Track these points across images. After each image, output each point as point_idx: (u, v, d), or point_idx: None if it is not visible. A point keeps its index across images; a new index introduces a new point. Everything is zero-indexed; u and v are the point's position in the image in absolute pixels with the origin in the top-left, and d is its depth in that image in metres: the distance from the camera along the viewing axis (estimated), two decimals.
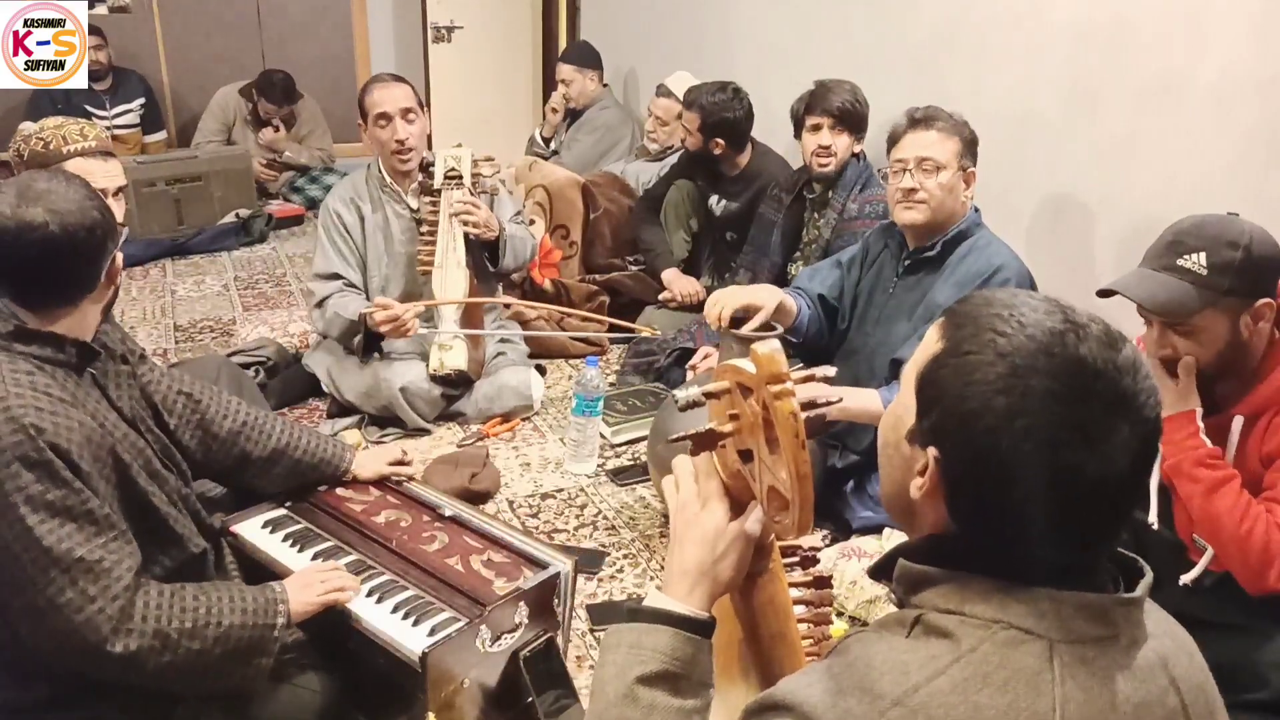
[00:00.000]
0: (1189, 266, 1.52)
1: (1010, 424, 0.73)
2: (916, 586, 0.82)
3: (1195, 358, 1.57)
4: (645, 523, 2.42)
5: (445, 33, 5.66)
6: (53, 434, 1.26)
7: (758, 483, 0.94)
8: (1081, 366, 0.74)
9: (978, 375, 0.76)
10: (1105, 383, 0.74)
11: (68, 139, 1.96)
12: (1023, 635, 0.75)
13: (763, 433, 0.91)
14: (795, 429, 0.86)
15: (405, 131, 2.77)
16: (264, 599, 1.43)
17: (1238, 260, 1.49)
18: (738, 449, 0.96)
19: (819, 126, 2.79)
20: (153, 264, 4.34)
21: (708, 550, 0.95)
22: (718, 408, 0.98)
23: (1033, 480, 0.73)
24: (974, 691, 0.73)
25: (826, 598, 1.21)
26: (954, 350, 0.78)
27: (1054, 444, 0.73)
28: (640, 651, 0.91)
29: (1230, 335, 1.54)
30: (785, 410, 0.86)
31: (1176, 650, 0.82)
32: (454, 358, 2.78)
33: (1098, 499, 0.75)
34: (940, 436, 0.78)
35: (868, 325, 2.37)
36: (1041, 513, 0.75)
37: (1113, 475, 0.74)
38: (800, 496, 0.88)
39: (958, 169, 2.16)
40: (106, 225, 1.36)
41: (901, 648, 0.77)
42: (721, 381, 0.97)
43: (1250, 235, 1.51)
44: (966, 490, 0.78)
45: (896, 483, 0.86)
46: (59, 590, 1.25)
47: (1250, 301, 1.52)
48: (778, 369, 0.88)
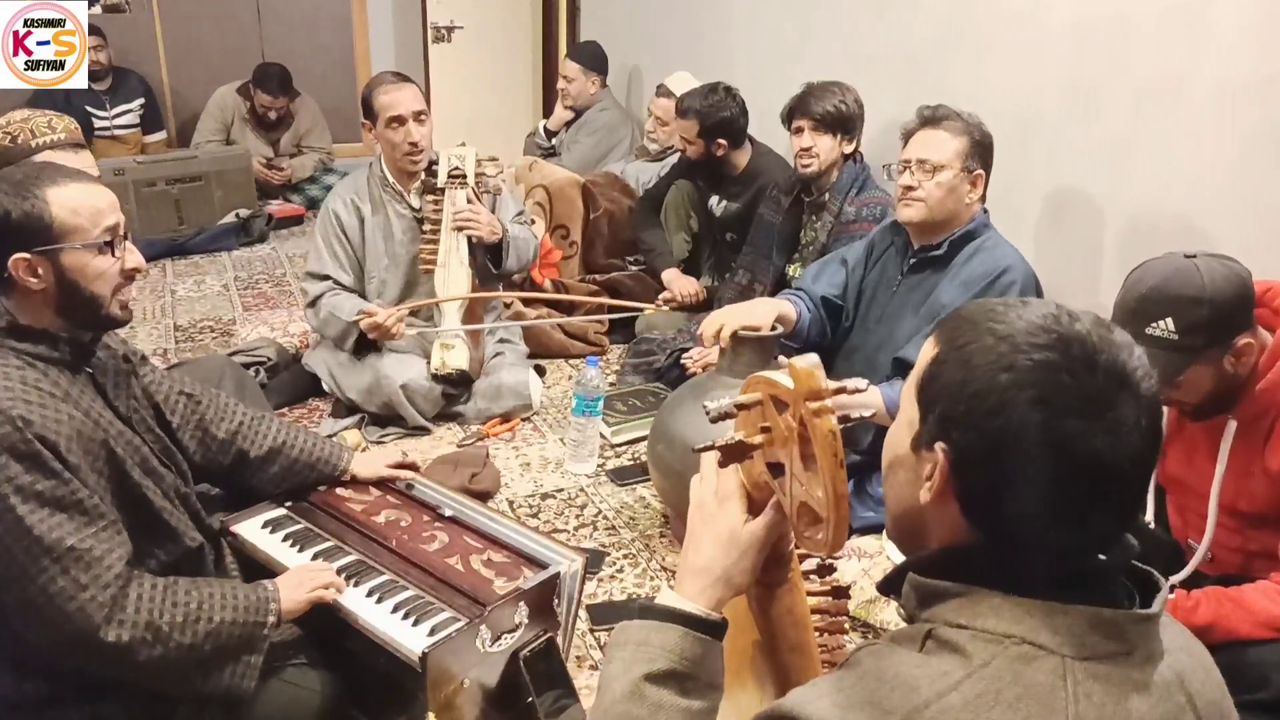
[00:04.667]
0: (1159, 334, 1.48)
1: (1016, 397, 0.73)
2: (927, 601, 0.80)
3: (1188, 403, 1.57)
4: (645, 523, 2.42)
5: (445, 33, 5.66)
6: (40, 426, 1.26)
7: (788, 497, 0.92)
8: (1081, 340, 0.75)
9: (978, 359, 0.76)
10: (1105, 356, 0.74)
11: (35, 132, 1.92)
12: (1035, 651, 0.74)
13: (797, 447, 0.89)
14: (834, 448, 0.84)
15: (419, 134, 2.77)
16: (256, 597, 1.43)
17: (1205, 317, 1.45)
18: (767, 461, 0.94)
19: (800, 129, 2.81)
20: (153, 264, 4.34)
21: (722, 551, 0.95)
22: (748, 418, 0.96)
23: (1044, 453, 0.73)
24: (986, 709, 0.71)
25: (843, 607, 1.19)
26: (951, 347, 0.79)
27: (1062, 412, 0.72)
28: (649, 649, 0.90)
29: (1217, 376, 1.52)
30: (824, 428, 0.85)
31: (1193, 666, 0.81)
32: (455, 357, 2.78)
33: (1108, 476, 0.74)
34: (947, 427, 0.78)
35: (870, 323, 2.37)
36: (1054, 493, 0.73)
37: (1121, 450, 0.73)
38: (837, 516, 0.87)
39: (960, 170, 2.15)
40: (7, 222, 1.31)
41: (913, 662, 0.76)
42: (754, 393, 0.95)
43: (1208, 284, 1.46)
44: (978, 478, 0.77)
45: (905, 499, 0.84)
46: (51, 579, 1.25)
47: (1229, 345, 1.49)
48: (816, 385, 0.86)
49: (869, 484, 2.31)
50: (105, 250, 1.37)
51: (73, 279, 1.36)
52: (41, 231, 1.32)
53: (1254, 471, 1.56)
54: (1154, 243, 1.95)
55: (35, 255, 1.32)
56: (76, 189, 1.36)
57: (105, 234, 1.37)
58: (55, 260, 1.34)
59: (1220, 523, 1.62)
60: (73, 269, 1.35)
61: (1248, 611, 1.49)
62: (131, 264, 1.42)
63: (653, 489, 2.48)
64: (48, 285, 1.34)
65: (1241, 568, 1.64)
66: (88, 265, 1.36)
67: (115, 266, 1.40)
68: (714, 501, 0.97)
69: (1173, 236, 2.22)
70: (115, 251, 1.39)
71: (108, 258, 1.38)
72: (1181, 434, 1.69)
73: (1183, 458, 1.70)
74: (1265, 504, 1.56)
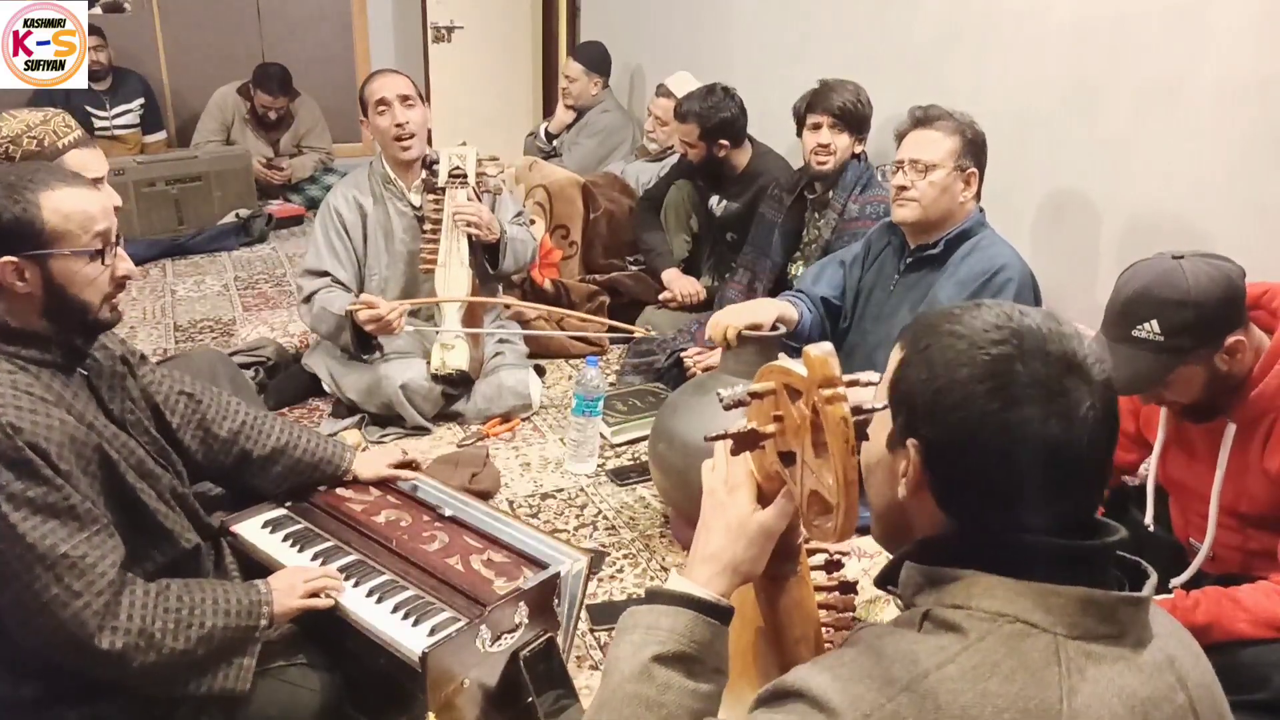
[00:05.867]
0: (1145, 336, 1.48)
1: (975, 389, 0.78)
2: (925, 587, 0.83)
3: (1181, 402, 1.57)
4: (645, 523, 2.42)
5: (445, 33, 5.66)
6: (30, 433, 1.25)
7: (799, 485, 0.93)
8: (1031, 332, 0.80)
9: (940, 358, 0.81)
10: (1055, 345, 0.79)
11: (58, 133, 1.90)
12: (1029, 629, 0.76)
13: (809, 436, 0.90)
14: (846, 434, 0.86)
15: (404, 116, 2.77)
16: (248, 600, 1.43)
17: (1190, 319, 1.46)
18: (779, 450, 0.95)
19: (819, 125, 2.80)
20: (153, 264, 4.34)
21: (731, 539, 0.96)
22: (760, 408, 0.98)
23: (1004, 440, 0.77)
24: (982, 679, 0.74)
25: (850, 603, 1.20)
26: (914, 351, 0.84)
27: (1018, 400, 0.77)
28: (658, 632, 0.91)
29: (1209, 375, 1.52)
30: (836, 415, 0.86)
31: (1183, 651, 0.83)
32: (456, 357, 2.78)
33: (1064, 459, 0.77)
34: (916, 424, 0.82)
35: (867, 322, 2.38)
36: (1015, 477, 0.77)
37: (1075, 433, 0.77)
38: (846, 502, 0.88)
39: (953, 169, 2.16)
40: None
41: (911, 638, 0.79)
42: (767, 382, 0.96)
43: (1193, 286, 1.46)
44: (947, 470, 0.81)
45: (885, 496, 0.88)
46: (44, 587, 1.25)
47: (1218, 344, 1.49)
48: (830, 373, 0.88)
49: None
50: (95, 258, 1.35)
51: (60, 284, 1.33)
52: (32, 236, 1.30)
53: (1253, 474, 1.56)
54: (1153, 242, 1.95)
55: (24, 259, 1.30)
56: (69, 193, 1.34)
57: (96, 240, 1.35)
58: (44, 265, 1.32)
59: (1221, 523, 1.62)
60: (61, 275, 1.33)
61: (1247, 611, 1.49)
62: (122, 271, 1.40)
63: (653, 489, 2.48)
64: (34, 290, 1.32)
65: (1243, 566, 1.64)
66: (77, 272, 1.34)
67: (105, 274, 1.37)
68: (724, 490, 0.99)
69: (1172, 236, 2.22)
70: (105, 259, 1.36)
71: (98, 265, 1.35)
72: (1181, 437, 1.69)
73: (1183, 460, 1.70)
74: (1265, 505, 1.56)
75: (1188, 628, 1.45)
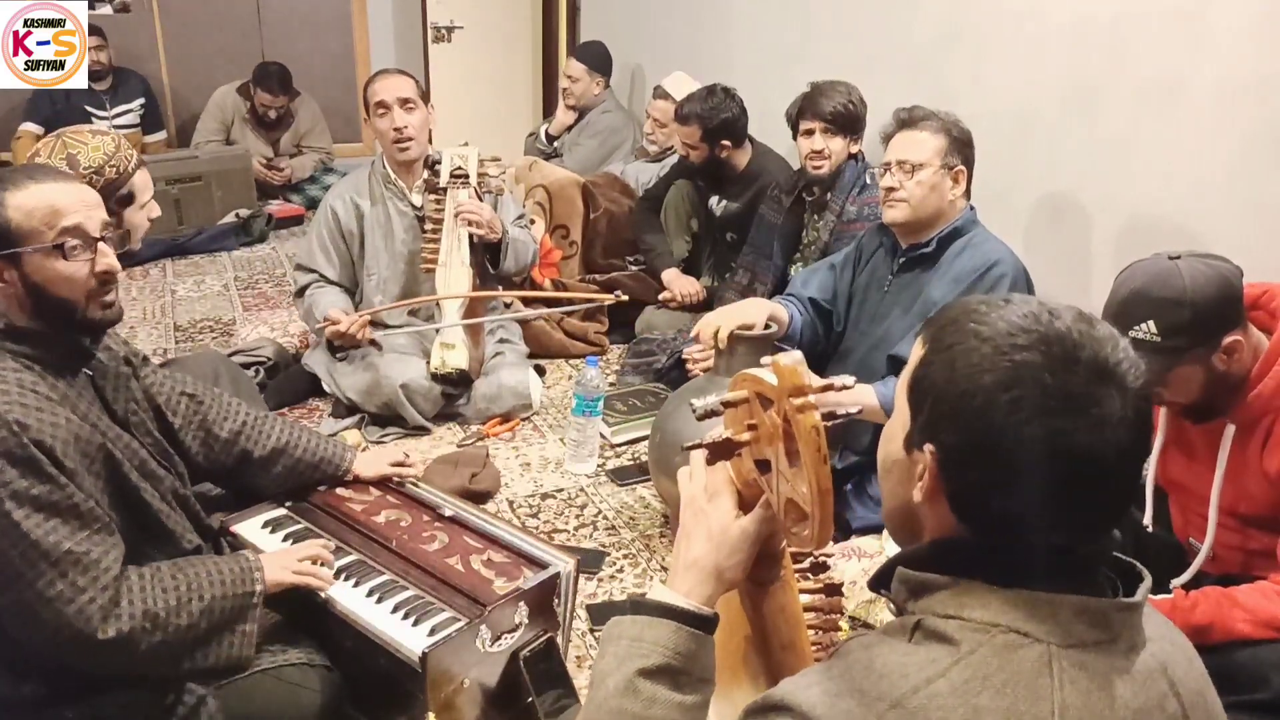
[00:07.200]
0: (1142, 337, 1.49)
1: (1000, 398, 0.74)
2: (916, 593, 0.82)
3: (1179, 402, 1.57)
4: (645, 523, 2.42)
5: (445, 33, 5.66)
6: (36, 430, 1.26)
7: (775, 494, 0.93)
8: (1061, 338, 0.75)
9: (962, 361, 0.77)
10: (1087, 352, 0.75)
11: (128, 157, 1.90)
12: (1021, 639, 0.75)
13: (782, 444, 0.90)
14: (818, 444, 0.85)
15: (403, 120, 2.78)
16: (239, 568, 1.45)
17: (1187, 319, 1.46)
18: (755, 458, 0.95)
19: (811, 131, 2.79)
20: (153, 264, 4.34)
21: (713, 547, 0.95)
22: (735, 416, 0.97)
23: (1028, 453, 0.74)
24: (973, 694, 0.73)
25: (837, 605, 1.19)
26: (937, 349, 0.80)
27: (1044, 411, 0.73)
28: (642, 645, 0.90)
29: (1207, 374, 1.52)
30: (808, 424, 0.85)
31: (1176, 655, 0.82)
32: (456, 357, 2.78)
33: (1093, 472, 0.74)
34: (935, 428, 0.79)
35: (863, 324, 2.38)
36: (1040, 490, 0.74)
37: (1106, 445, 0.74)
38: (821, 512, 0.87)
39: (940, 167, 2.16)
40: None
41: (901, 650, 0.77)
42: (740, 391, 0.96)
43: (1190, 286, 1.46)
44: (966, 478, 0.78)
45: (899, 496, 0.86)
46: (49, 583, 1.26)
47: (1216, 344, 1.49)
48: (800, 381, 0.87)
49: (869, 484, 2.31)
50: (57, 253, 1.32)
51: (37, 282, 1.33)
52: (0, 236, 1.31)
53: (1253, 474, 1.56)
54: (1153, 243, 1.95)
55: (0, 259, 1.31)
56: (35, 190, 1.33)
57: (59, 236, 1.33)
58: (18, 264, 1.32)
59: (1221, 523, 1.63)
60: (36, 272, 1.33)
61: (1246, 611, 1.49)
62: (102, 266, 1.37)
63: (653, 489, 2.49)
64: (17, 288, 1.33)
65: (1243, 566, 1.64)
66: (49, 269, 1.33)
67: (83, 270, 1.35)
68: (704, 498, 0.98)
69: (1172, 237, 2.22)
70: (69, 254, 1.33)
71: (76, 262, 1.34)
72: (1181, 437, 1.69)
73: (1183, 461, 1.70)
74: (1264, 506, 1.56)
75: (1187, 628, 1.45)
